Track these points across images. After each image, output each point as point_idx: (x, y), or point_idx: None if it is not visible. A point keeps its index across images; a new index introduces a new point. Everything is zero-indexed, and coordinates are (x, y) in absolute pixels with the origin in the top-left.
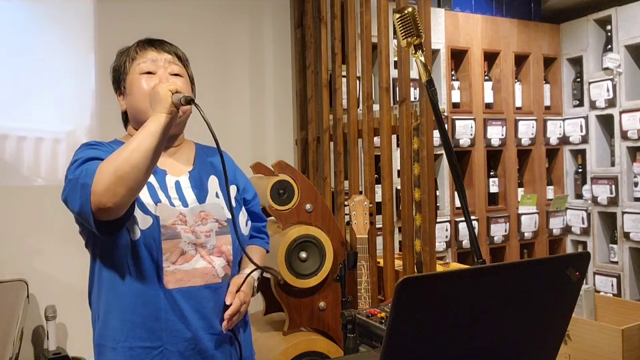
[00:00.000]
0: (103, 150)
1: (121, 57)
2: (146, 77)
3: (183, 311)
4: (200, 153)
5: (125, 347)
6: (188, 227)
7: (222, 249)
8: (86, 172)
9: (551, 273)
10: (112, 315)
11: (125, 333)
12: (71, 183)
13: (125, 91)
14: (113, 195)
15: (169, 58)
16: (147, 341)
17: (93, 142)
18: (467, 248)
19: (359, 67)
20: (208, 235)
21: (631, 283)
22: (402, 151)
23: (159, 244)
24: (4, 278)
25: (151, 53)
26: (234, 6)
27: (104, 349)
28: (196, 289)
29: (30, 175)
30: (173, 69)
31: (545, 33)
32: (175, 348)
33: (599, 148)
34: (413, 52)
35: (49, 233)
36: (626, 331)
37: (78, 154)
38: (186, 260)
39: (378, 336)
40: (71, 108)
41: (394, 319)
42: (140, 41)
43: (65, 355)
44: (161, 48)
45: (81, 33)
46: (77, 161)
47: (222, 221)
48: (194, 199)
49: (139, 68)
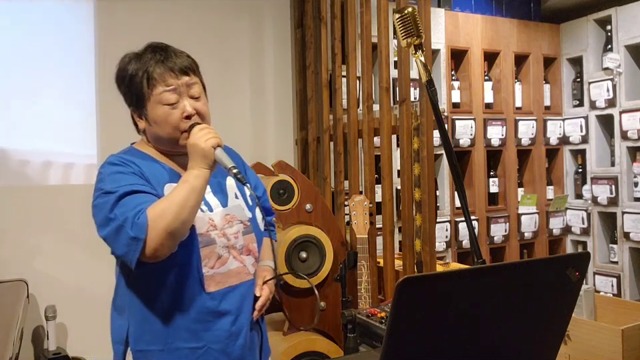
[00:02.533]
0: (132, 172)
1: (136, 75)
2: (169, 109)
3: (223, 311)
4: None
5: (172, 348)
6: (219, 231)
7: (249, 247)
8: (134, 224)
9: (551, 273)
10: (151, 320)
11: (172, 335)
12: (113, 225)
13: (147, 118)
14: (165, 248)
15: (186, 81)
16: (191, 341)
17: (116, 159)
18: (467, 248)
19: (358, 66)
20: (236, 236)
21: (631, 283)
22: (402, 151)
23: (197, 252)
24: (4, 278)
25: (169, 79)
26: (234, 6)
27: (149, 353)
28: (232, 288)
29: (30, 175)
30: (193, 92)
31: (545, 33)
32: (217, 346)
33: (599, 148)
34: (413, 52)
35: (49, 233)
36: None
37: (107, 180)
38: (222, 263)
39: (378, 336)
40: (71, 107)
41: (394, 319)
42: (153, 58)
43: (65, 354)
44: (176, 69)
45: (81, 33)
46: (111, 193)
47: (245, 221)
48: (217, 203)
49: (161, 98)
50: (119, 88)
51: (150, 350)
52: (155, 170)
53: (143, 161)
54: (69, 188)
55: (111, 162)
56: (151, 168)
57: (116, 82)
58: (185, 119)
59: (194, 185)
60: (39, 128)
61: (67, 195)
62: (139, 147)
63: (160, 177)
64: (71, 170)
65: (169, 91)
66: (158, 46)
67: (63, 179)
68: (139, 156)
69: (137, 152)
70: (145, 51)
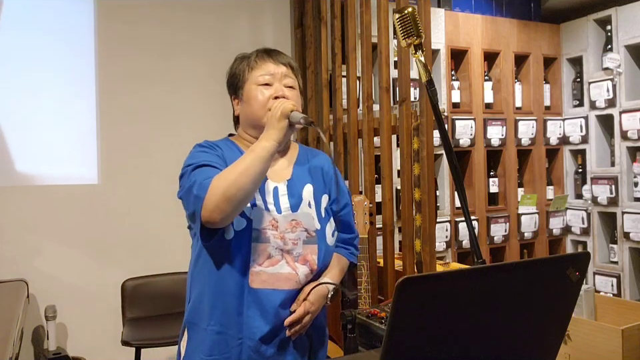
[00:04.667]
0: (214, 153)
1: (240, 64)
2: (262, 88)
3: (263, 310)
4: (301, 158)
5: (213, 331)
6: (278, 232)
7: (307, 257)
8: (200, 185)
9: (551, 273)
10: (204, 299)
11: (215, 318)
12: (185, 188)
13: (242, 97)
14: (220, 212)
15: (284, 71)
16: (230, 329)
17: (205, 143)
18: (467, 248)
19: (359, 67)
20: (295, 243)
21: (631, 283)
22: (402, 151)
23: (248, 245)
24: (4, 278)
25: (269, 65)
26: (234, 6)
27: (195, 328)
28: (278, 291)
29: (30, 175)
30: (288, 81)
31: (545, 33)
32: (251, 343)
33: (599, 148)
34: (413, 52)
35: (49, 232)
36: (626, 331)
37: (192, 156)
38: (272, 264)
39: (378, 336)
40: (72, 106)
41: (394, 318)
42: (259, 51)
43: (65, 354)
44: (277, 60)
45: (81, 32)
46: (191, 165)
47: (311, 231)
48: (288, 206)
49: (257, 79)
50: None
51: (197, 324)
52: (235, 157)
53: (228, 148)
54: (69, 188)
55: (200, 144)
56: (232, 155)
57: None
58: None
59: (259, 154)
60: (39, 128)
61: (67, 195)
62: (232, 138)
63: None
64: (71, 170)
65: (266, 74)
66: (265, 48)
67: (63, 179)
68: (226, 144)
69: (227, 141)
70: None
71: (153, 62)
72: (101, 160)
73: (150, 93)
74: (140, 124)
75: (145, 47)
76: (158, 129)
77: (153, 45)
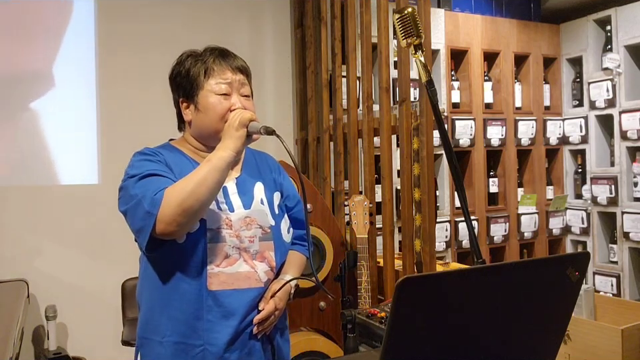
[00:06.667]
0: (157, 160)
1: (194, 66)
2: (221, 98)
3: (224, 312)
4: (248, 159)
5: (170, 342)
6: (233, 231)
7: (265, 254)
8: (151, 200)
9: (551, 273)
10: (156, 311)
11: (170, 328)
12: (132, 201)
13: (197, 106)
14: (177, 224)
15: (241, 78)
16: (190, 338)
17: (147, 150)
18: (467, 248)
19: (359, 67)
20: (252, 241)
21: (631, 283)
22: (402, 151)
23: (204, 247)
24: (4, 278)
25: (226, 73)
26: (234, 6)
27: (150, 343)
28: (238, 291)
29: (30, 175)
30: (244, 90)
31: (545, 33)
32: (214, 349)
33: (599, 148)
34: (413, 52)
35: (49, 232)
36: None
37: (135, 166)
38: (229, 263)
39: (378, 336)
40: (72, 106)
41: (394, 318)
42: (214, 53)
43: (65, 354)
44: (234, 66)
45: (81, 31)
46: (135, 176)
47: (265, 228)
48: (240, 204)
49: (216, 88)
50: (172, 81)
51: (151, 339)
52: (180, 162)
53: (171, 154)
54: (69, 188)
55: (141, 152)
56: (177, 160)
57: (170, 76)
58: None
59: (215, 165)
60: (39, 127)
61: (68, 195)
62: (174, 144)
63: (184, 168)
64: (71, 170)
65: (224, 83)
66: (217, 47)
67: (63, 179)
68: (169, 150)
69: (169, 146)
70: (204, 50)
71: (153, 62)
72: (101, 160)
73: (150, 93)
74: (140, 124)
75: (145, 47)
76: (158, 129)
77: (153, 45)
